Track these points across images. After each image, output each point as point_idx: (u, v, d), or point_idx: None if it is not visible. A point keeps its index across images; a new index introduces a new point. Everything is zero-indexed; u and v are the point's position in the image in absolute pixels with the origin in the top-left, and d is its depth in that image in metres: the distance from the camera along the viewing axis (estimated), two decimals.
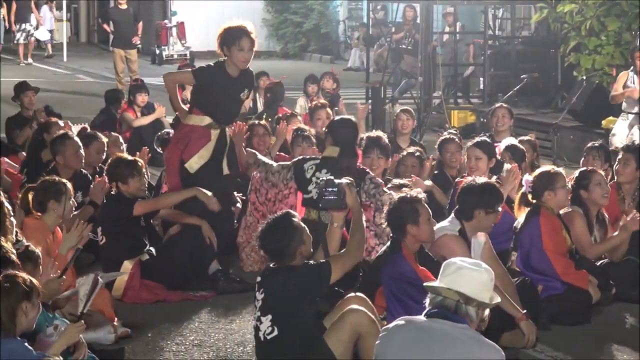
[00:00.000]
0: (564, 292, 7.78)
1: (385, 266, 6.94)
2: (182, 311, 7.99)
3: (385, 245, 7.30)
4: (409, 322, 5.10)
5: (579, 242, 8.18)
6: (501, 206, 7.57)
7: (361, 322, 6.27)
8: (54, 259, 6.93)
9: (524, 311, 6.97)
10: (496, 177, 8.51)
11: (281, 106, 13.55)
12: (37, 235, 7.35)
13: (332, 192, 6.69)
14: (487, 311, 5.08)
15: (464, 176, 8.92)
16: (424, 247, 7.15)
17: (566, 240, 7.98)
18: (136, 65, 20.70)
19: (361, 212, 6.87)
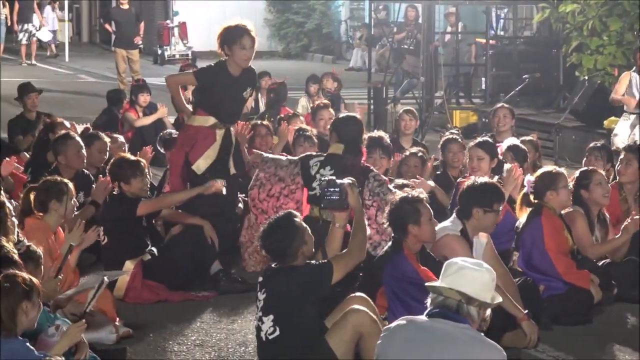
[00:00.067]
0: (565, 292, 7.79)
1: (386, 266, 6.93)
2: (184, 311, 7.99)
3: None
4: (410, 322, 5.10)
5: (580, 242, 8.18)
6: (502, 206, 7.57)
7: (363, 322, 6.27)
8: (55, 260, 6.93)
9: (526, 311, 6.96)
10: (498, 177, 8.50)
11: (284, 106, 13.55)
12: (39, 235, 7.35)
13: (334, 192, 6.68)
14: (489, 311, 5.07)
15: (466, 176, 8.91)
16: (425, 247, 7.15)
17: (568, 240, 7.99)
18: (138, 65, 20.70)
19: (363, 212, 6.87)
